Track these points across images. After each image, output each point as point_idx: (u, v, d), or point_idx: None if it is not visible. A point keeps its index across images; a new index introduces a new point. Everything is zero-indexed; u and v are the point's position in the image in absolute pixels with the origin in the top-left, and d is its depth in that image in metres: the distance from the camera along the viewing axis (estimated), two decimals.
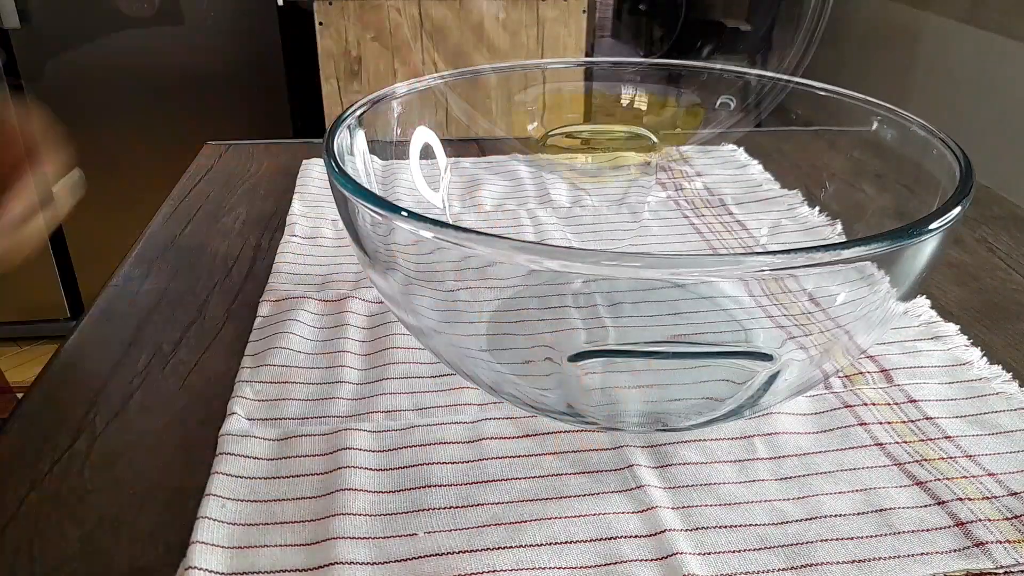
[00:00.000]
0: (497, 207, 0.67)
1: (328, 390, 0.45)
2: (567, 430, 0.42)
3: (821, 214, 0.61)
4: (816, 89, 0.54)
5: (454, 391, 0.45)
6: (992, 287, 0.57)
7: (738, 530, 0.36)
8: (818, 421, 0.43)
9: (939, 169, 0.44)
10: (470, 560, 0.34)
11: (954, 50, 2.31)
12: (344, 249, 0.62)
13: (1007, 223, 0.67)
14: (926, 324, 0.52)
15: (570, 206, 0.68)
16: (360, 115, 0.48)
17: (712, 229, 0.64)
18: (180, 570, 0.34)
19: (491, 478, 0.39)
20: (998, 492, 0.38)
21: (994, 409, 0.44)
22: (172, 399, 0.45)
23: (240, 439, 0.41)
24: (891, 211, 0.52)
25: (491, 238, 0.34)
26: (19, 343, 2.02)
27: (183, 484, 0.39)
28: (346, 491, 0.38)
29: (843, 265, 0.35)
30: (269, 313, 0.52)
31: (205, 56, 1.80)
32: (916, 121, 0.48)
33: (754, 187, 0.70)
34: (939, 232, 0.36)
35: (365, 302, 0.54)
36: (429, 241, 0.36)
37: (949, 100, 2.23)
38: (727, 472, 0.40)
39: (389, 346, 0.49)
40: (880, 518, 0.37)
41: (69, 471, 0.40)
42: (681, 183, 0.70)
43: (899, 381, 0.46)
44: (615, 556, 0.35)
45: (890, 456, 0.41)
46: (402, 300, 0.44)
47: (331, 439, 0.41)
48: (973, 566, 0.35)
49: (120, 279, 0.58)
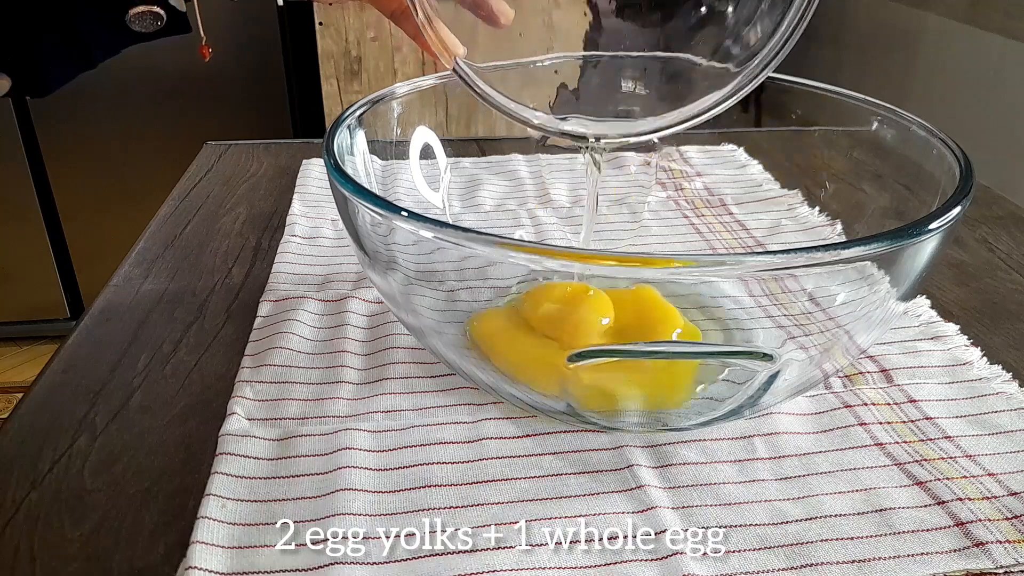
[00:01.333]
0: (497, 207, 0.67)
1: (328, 390, 0.45)
2: (567, 430, 0.42)
3: (821, 214, 0.61)
4: (816, 89, 0.54)
5: (454, 391, 0.45)
6: (992, 287, 0.57)
7: (738, 530, 0.36)
8: (818, 421, 0.43)
9: (939, 169, 0.44)
10: (470, 560, 0.34)
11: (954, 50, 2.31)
12: (344, 249, 0.62)
13: (1007, 223, 0.67)
14: (926, 324, 0.52)
15: (570, 206, 0.68)
16: (360, 115, 0.48)
17: (712, 229, 0.64)
18: (180, 570, 0.34)
19: (491, 478, 0.39)
20: (998, 492, 0.38)
21: (994, 409, 0.44)
22: (172, 399, 0.45)
23: (240, 439, 0.41)
24: (891, 211, 0.52)
25: (491, 238, 0.34)
26: (19, 343, 2.02)
27: (183, 484, 0.39)
28: (346, 491, 0.38)
29: (843, 265, 0.35)
30: (269, 313, 0.52)
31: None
32: (916, 121, 0.48)
33: (754, 187, 0.70)
34: (939, 232, 0.36)
35: (365, 302, 0.54)
36: (429, 241, 0.36)
37: (949, 100, 2.23)
38: (727, 472, 0.40)
39: (389, 346, 0.49)
40: (880, 518, 0.37)
41: (69, 471, 0.40)
42: (681, 183, 0.70)
43: (899, 381, 0.46)
44: (615, 556, 0.35)
45: (890, 456, 0.41)
46: (402, 300, 0.44)
47: (331, 439, 0.41)
48: (973, 566, 0.35)
49: (120, 279, 0.58)
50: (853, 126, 0.53)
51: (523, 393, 0.42)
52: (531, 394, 0.42)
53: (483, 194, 0.69)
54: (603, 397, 0.41)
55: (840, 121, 0.55)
